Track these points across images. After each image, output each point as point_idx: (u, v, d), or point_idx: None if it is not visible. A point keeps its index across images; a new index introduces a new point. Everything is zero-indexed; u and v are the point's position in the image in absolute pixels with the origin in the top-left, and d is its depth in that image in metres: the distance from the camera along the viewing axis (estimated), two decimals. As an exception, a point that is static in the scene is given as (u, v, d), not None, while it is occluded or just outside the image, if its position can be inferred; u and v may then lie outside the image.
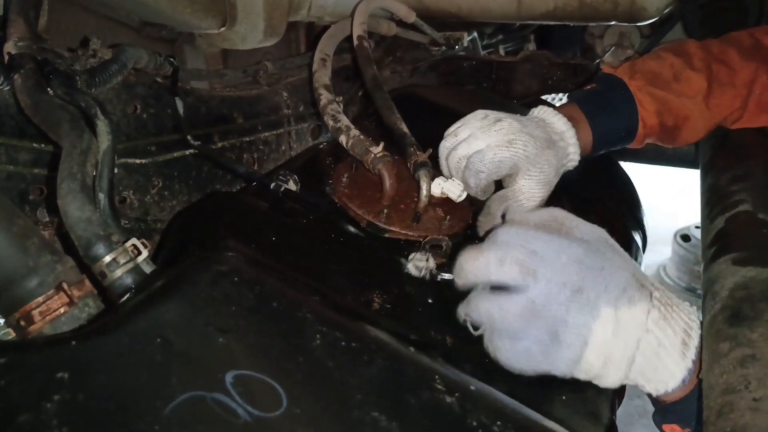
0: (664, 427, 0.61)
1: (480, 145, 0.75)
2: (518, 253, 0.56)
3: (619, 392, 0.63)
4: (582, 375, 0.57)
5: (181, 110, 0.86)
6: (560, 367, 0.56)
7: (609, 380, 0.57)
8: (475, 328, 0.60)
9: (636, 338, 0.55)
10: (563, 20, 1.20)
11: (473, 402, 0.49)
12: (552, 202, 0.79)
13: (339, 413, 0.46)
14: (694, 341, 0.57)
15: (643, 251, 0.99)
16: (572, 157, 0.83)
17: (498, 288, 0.57)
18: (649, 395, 0.63)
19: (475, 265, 0.58)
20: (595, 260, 0.57)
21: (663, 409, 0.61)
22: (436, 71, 1.39)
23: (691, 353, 0.56)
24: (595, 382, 0.57)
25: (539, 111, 0.84)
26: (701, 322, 0.59)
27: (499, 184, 0.80)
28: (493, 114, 0.78)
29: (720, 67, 0.88)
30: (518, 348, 0.56)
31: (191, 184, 0.93)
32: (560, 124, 0.83)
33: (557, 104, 0.89)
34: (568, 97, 0.92)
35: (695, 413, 0.57)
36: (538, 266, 0.55)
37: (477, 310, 0.57)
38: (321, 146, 0.94)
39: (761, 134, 0.92)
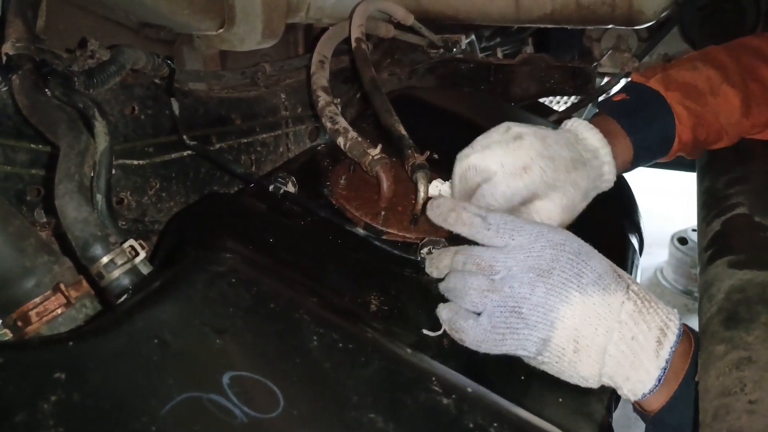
0: None
1: (493, 162, 0.68)
2: (482, 253, 0.60)
3: (616, 394, 0.63)
4: (554, 361, 0.57)
5: (176, 111, 0.86)
6: (528, 347, 0.56)
7: (584, 370, 0.56)
8: (436, 329, 0.62)
9: (607, 327, 0.55)
10: (561, 23, 1.20)
11: (470, 403, 0.49)
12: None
13: (336, 414, 0.46)
14: (670, 341, 0.56)
15: (640, 254, 0.99)
16: (607, 177, 0.76)
17: None
18: (637, 411, 0.63)
19: (444, 264, 0.64)
20: (573, 245, 0.58)
21: (652, 421, 0.60)
22: (435, 74, 1.39)
23: (665, 352, 0.56)
24: (571, 375, 0.57)
25: (572, 123, 0.77)
26: (682, 324, 0.59)
27: None
28: (516, 128, 0.71)
29: (756, 86, 0.84)
30: (482, 322, 0.57)
31: (189, 186, 0.93)
32: (594, 140, 0.75)
33: (556, 107, 0.88)
34: (598, 107, 0.87)
35: (685, 423, 0.57)
36: (495, 262, 0.59)
37: (447, 284, 0.62)
38: (319, 148, 0.94)
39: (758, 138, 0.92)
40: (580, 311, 0.55)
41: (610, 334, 0.55)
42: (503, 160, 0.68)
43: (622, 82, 1.29)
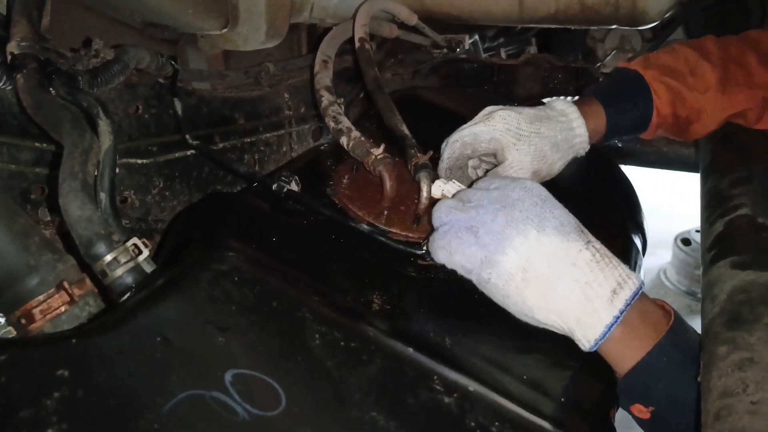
0: (631, 408, 0.62)
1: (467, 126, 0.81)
2: (467, 191, 0.66)
3: (617, 395, 0.63)
4: (501, 283, 0.59)
5: (179, 111, 0.86)
6: (474, 263, 0.60)
7: (530, 299, 0.59)
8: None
9: (560, 267, 0.58)
10: (565, 23, 1.20)
11: (471, 402, 0.49)
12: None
13: (338, 413, 0.46)
14: (626, 293, 0.58)
15: (643, 255, 0.98)
16: (578, 132, 0.85)
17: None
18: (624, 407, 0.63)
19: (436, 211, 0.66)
20: (541, 193, 0.63)
21: (621, 385, 0.61)
22: (438, 74, 1.39)
23: (620, 302, 0.58)
24: (517, 301, 0.59)
25: (546, 101, 0.88)
26: (661, 301, 0.62)
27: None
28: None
29: (738, 69, 0.88)
30: (440, 232, 0.63)
31: (192, 185, 0.94)
32: (560, 103, 0.85)
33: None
34: (583, 92, 0.94)
35: (654, 391, 0.58)
36: (472, 197, 0.64)
37: (434, 210, 0.66)
38: (322, 147, 0.94)
39: (762, 137, 0.92)
40: (535, 246, 0.59)
41: (562, 274, 0.58)
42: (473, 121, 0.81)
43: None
